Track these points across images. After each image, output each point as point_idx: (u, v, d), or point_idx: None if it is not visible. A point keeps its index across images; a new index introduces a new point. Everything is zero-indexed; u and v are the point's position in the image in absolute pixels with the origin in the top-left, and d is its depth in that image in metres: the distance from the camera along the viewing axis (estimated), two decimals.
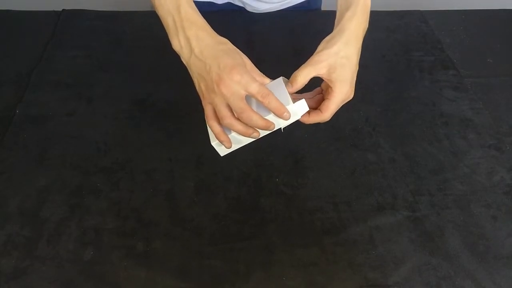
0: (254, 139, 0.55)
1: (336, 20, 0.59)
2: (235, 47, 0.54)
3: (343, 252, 0.58)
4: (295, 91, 0.55)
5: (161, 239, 0.58)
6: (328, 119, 0.56)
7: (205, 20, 0.55)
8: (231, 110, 0.52)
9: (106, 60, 0.83)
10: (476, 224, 0.61)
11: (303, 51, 0.85)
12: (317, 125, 0.72)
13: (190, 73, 0.56)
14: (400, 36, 0.91)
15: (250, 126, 0.52)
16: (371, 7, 0.64)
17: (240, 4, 0.96)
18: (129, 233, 0.59)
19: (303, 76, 0.54)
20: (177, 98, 0.74)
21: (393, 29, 0.92)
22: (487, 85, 0.82)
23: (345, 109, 0.74)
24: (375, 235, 0.59)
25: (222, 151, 0.57)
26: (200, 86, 0.54)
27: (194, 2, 0.70)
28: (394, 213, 0.62)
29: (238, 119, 0.52)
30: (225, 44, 0.54)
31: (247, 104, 0.51)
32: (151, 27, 0.90)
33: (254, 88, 0.51)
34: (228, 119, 0.52)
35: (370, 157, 0.69)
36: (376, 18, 0.94)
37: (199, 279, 0.55)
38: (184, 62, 0.56)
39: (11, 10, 0.92)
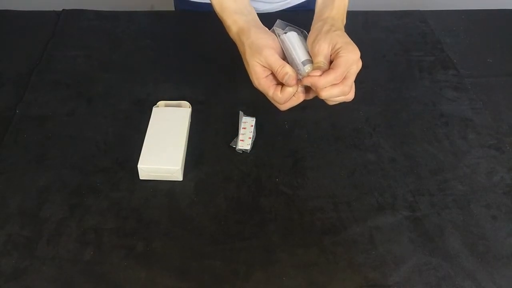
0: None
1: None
2: (267, 42, 0.58)
3: (343, 252, 0.58)
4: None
5: (161, 239, 0.58)
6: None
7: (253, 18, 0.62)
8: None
9: (106, 60, 0.83)
10: (476, 224, 0.61)
11: None
12: (317, 125, 0.73)
13: None
14: (400, 36, 0.91)
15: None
16: (371, 7, 0.65)
17: None
18: (129, 233, 0.59)
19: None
20: (176, 98, 0.74)
21: (393, 29, 0.92)
22: (487, 85, 0.82)
23: (345, 109, 0.74)
24: (375, 235, 0.59)
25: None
26: None
27: (194, 2, 0.70)
28: (394, 213, 0.62)
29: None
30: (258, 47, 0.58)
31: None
32: (151, 27, 0.90)
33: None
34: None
35: (370, 157, 0.69)
36: (376, 18, 0.95)
37: (199, 279, 0.55)
38: None
39: (11, 10, 0.92)
